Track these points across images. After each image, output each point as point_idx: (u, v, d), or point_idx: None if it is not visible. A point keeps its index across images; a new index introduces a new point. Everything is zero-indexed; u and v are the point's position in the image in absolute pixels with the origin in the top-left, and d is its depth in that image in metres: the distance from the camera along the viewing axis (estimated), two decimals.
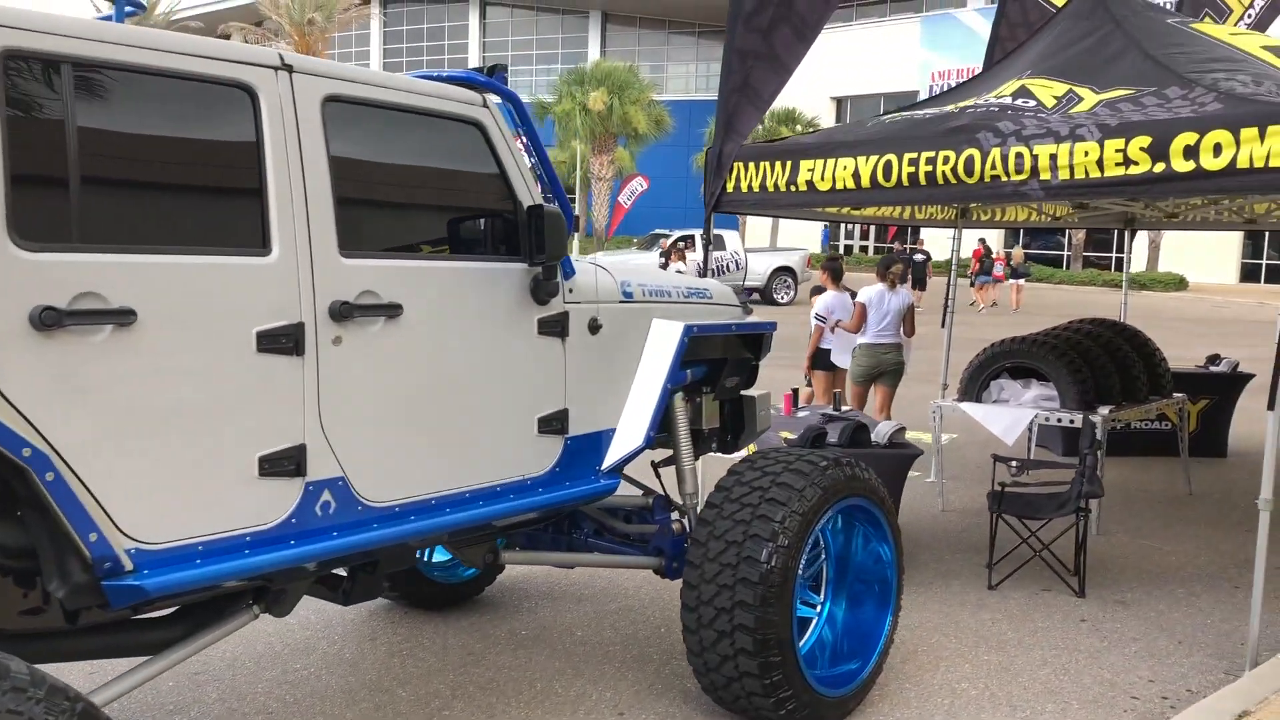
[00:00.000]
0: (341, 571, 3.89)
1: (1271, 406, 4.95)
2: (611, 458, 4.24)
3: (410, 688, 4.73)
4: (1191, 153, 4.99)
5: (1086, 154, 5.32)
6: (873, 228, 41.40)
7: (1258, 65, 5.90)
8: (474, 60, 56.09)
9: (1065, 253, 39.82)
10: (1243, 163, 4.85)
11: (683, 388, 4.71)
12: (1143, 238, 36.55)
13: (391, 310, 3.37)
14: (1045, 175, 5.43)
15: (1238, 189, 5.09)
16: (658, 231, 28.30)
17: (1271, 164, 4.77)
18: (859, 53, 42.94)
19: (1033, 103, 5.99)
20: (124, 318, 2.75)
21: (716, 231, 27.27)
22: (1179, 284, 34.57)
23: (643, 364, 4.37)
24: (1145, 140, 5.14)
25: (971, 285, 27.48)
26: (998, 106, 6.00)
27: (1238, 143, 4.86)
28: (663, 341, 4.38)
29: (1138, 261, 37.41)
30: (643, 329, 4.41)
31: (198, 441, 2.94)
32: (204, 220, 3.03)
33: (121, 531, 2.79)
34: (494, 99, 3.80)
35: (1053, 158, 5.42)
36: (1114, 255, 36.67)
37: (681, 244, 26.29)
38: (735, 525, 4.14)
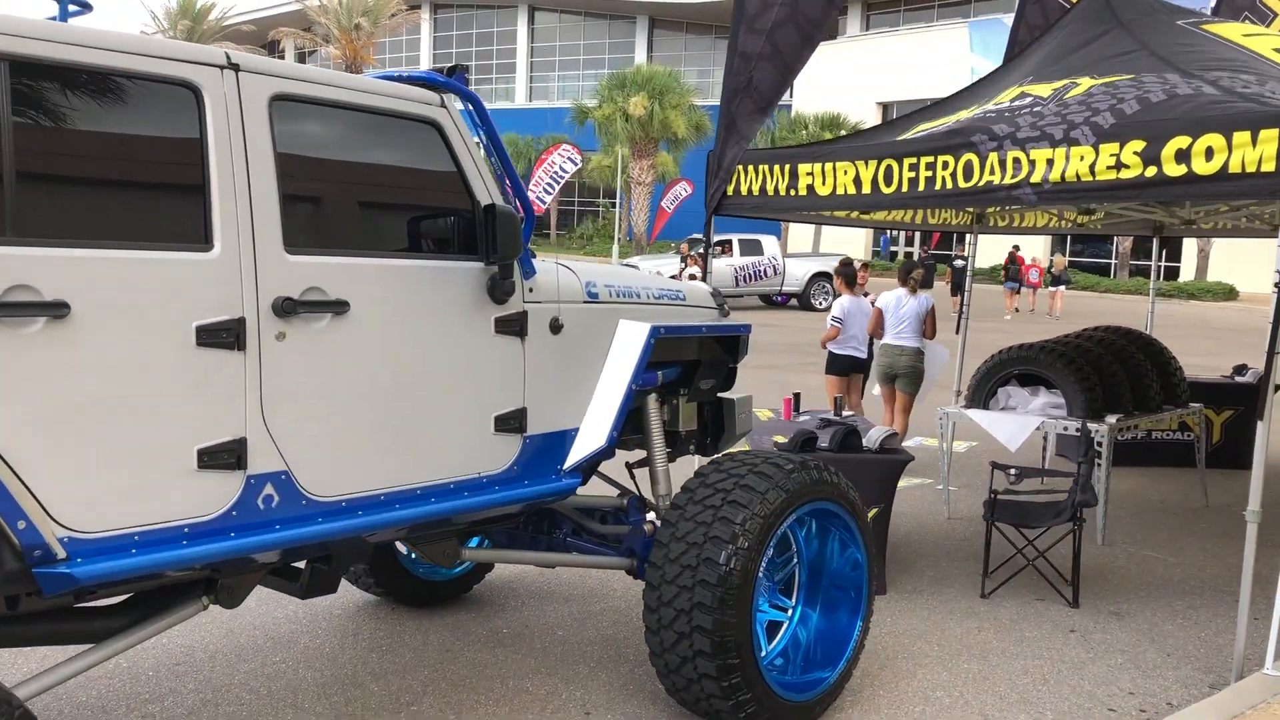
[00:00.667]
0: (301, 565, 3.95)
1: (1260, 416, 4.85)
2: (574, 457, 4.24)
3: (383, 683, 4.77)
4: (1184, 156, 4.91)
5: (1082, 158, 5.26)
6: (917, 234, 41.08)
7: (1266, 66, 5.80)
8: (521, 65, 56.49)
9: (1112, 261, 39.24)
10: (1234, 167, 4.77)
11: (656, 389, 4.71)
12: (1191, 246, 35.92)
13: (338, 307, 3.41)
14: (1037, 179, 5.37)
15: (1229, 194, 5.00)
16: (696, 236, 28.24)
17: (1263, 168, 4.69)
18: (906, 58, 42.66)
19: (1029, 99, 5.92)
20: (57, 310, 2.81)
21: (755, 236, 27.34)
22: (1228, 294, 33.88)
23: (608, 364, 4.37)
24: (1139, 144, 5.07)
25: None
26: (994, 112, 5.95)
27: (1230, 146, 4.77)
28: (628, 342, 4.38)
29: (1186, 270, 36.75)
30: (609, 329, 4.41)
31: (134, 433, 2.99)
32: (145, 215, 3.08)
33: (55, 520, 2.84)
34: (453, 99, 3.82)
35: (1048, 162, 5.37)
36: (1162, 264, 35.98)
37: (718, 249, 26.29)
38: (696, 527, 4.13)
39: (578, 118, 40.76)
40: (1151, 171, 5.00)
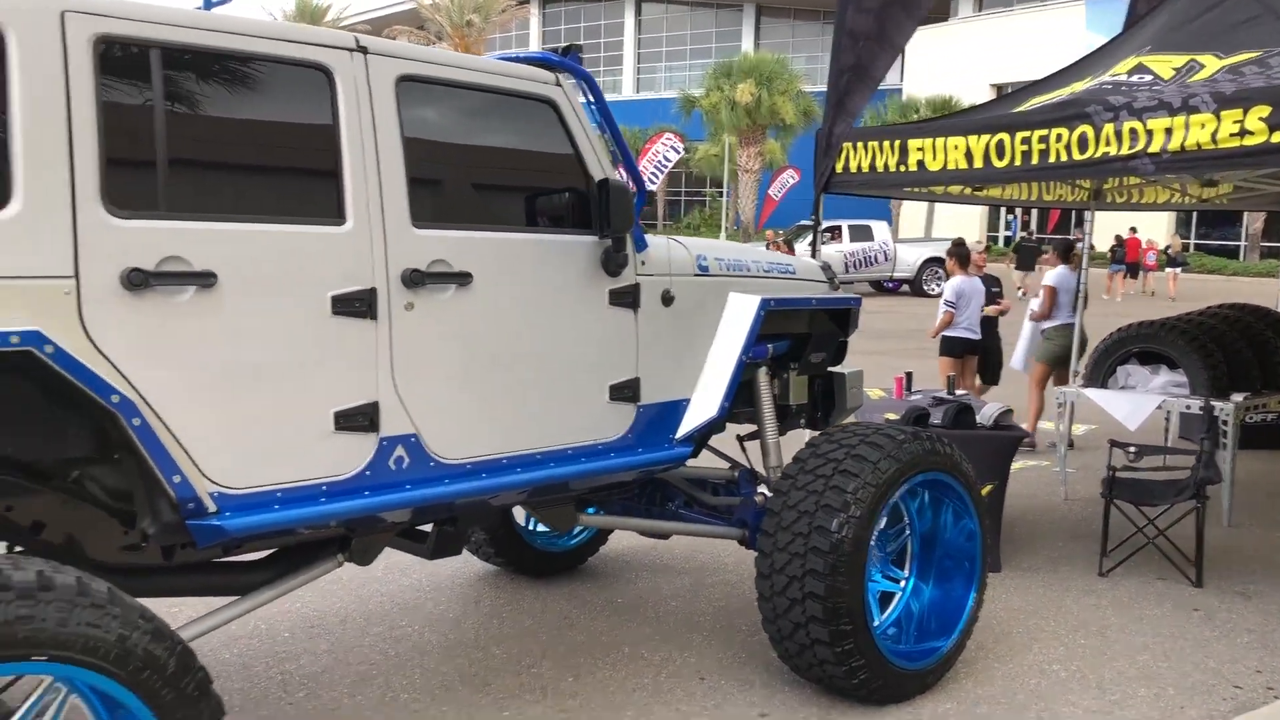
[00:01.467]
0: (427, 528, 4.13)
1: None
2: (685, 427, 4.33)
3: (504, 646, 4.94)
4: None
5: (1203, 126, 5.15)
6: (1034, 214, 40.07)
7: None
8: (628, 57, 56.76)
9: (1241, 243, 37.69)
10: None
11: (766, 362, 4.78)
12: None
13: (462, 279, 3.56)
14: (1155, 149, 5.28)
15: None
16: (803, 223, 28.08)
17: None
18: (1021, 37, 41.59)
19: (1149, 78, 5.80)
20: (206, 279, 3.01)
21: (865, 222, 27.08)
22: None
23: (718, 336, 4.45)
24: (1264, 110, 4.94)
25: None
26: (1110, 84, 5.84)
27: None
28: (738, 314, 4.46)
29: None
30: (719, 302, 4.50)
31: (276, 395, 3.18)
32: (283, 192, 3.28)
33: (205, 476, 3.05)
34: (567, 78, 3.95)
35: (1167, 131, 5.27)
36: None
37: (827, 235, 26.11)
38: (808, 495, 4.19)
39: (684, 107, 40.80)
40: (1278, 137, 4.87)
